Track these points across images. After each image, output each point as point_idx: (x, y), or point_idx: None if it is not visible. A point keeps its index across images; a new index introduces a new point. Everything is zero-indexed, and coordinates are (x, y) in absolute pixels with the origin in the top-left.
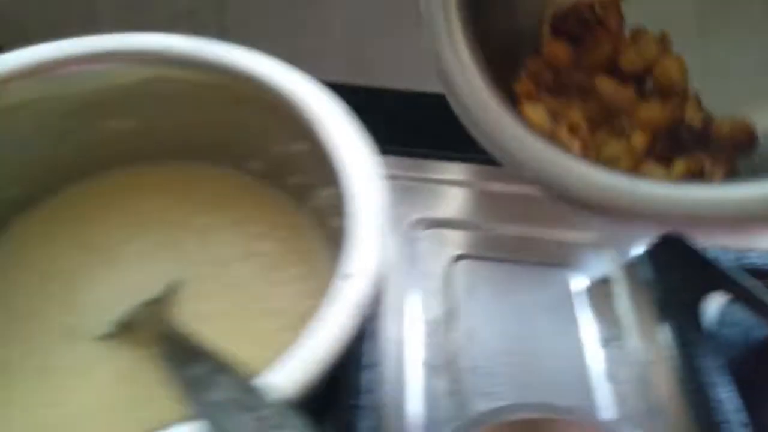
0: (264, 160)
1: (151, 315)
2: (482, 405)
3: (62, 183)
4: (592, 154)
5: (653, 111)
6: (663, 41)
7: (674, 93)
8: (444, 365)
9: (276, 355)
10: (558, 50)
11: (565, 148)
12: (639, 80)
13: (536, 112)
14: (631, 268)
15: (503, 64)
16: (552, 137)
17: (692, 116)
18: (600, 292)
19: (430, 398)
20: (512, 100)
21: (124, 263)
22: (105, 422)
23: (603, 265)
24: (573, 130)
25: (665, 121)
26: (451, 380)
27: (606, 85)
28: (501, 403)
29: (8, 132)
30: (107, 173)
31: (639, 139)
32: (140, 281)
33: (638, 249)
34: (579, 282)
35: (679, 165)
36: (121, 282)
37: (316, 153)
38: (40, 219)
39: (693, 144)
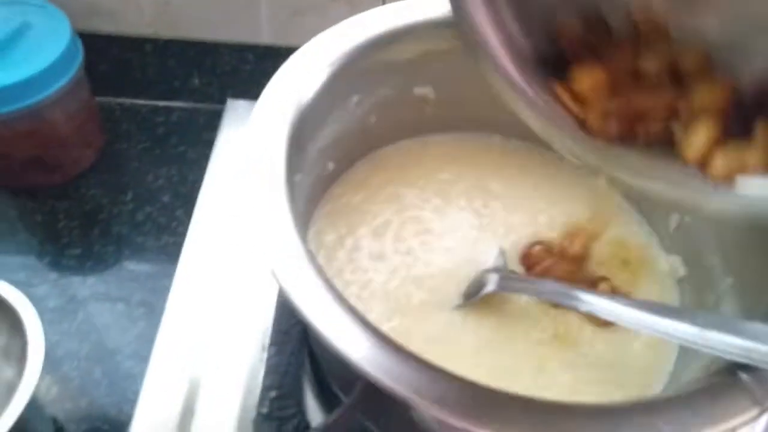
0: None
1: (495, 283)
2: None
3: (361, 155)
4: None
5: (704, 93)
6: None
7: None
8: None
9: None
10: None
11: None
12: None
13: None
14: None
15: None
16: None
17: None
18: None
19: None
20: None
21: (445, 232)
22: None
23: None
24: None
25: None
26: None
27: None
28: None
29: (343, 102)
30: (396, 144)
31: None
32: (467, 249)
33: None
34: None
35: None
36: (451, 251)
37: None
38: (346, 193)
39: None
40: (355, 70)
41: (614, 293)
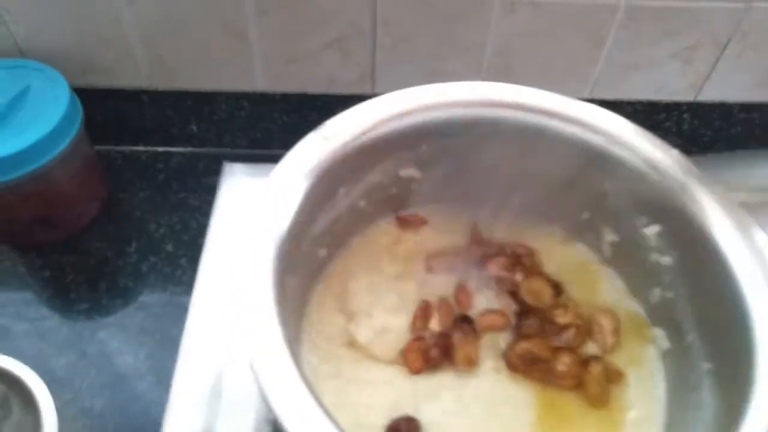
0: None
1: None
2: None
3: (349, 236)
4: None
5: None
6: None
7: None
8: None
9: None
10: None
11: None
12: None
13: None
14: None
15: None
16: None
17: None
18: None
19: None
20: None
21: None
22: None
23: None
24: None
25: None
26: None
27: None
28: None
29: (330, 197)
30: (382, 220)
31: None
32: None
33: None
34: None
35: None
36: None
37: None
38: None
39: None
40: (339, 169)
41: None
